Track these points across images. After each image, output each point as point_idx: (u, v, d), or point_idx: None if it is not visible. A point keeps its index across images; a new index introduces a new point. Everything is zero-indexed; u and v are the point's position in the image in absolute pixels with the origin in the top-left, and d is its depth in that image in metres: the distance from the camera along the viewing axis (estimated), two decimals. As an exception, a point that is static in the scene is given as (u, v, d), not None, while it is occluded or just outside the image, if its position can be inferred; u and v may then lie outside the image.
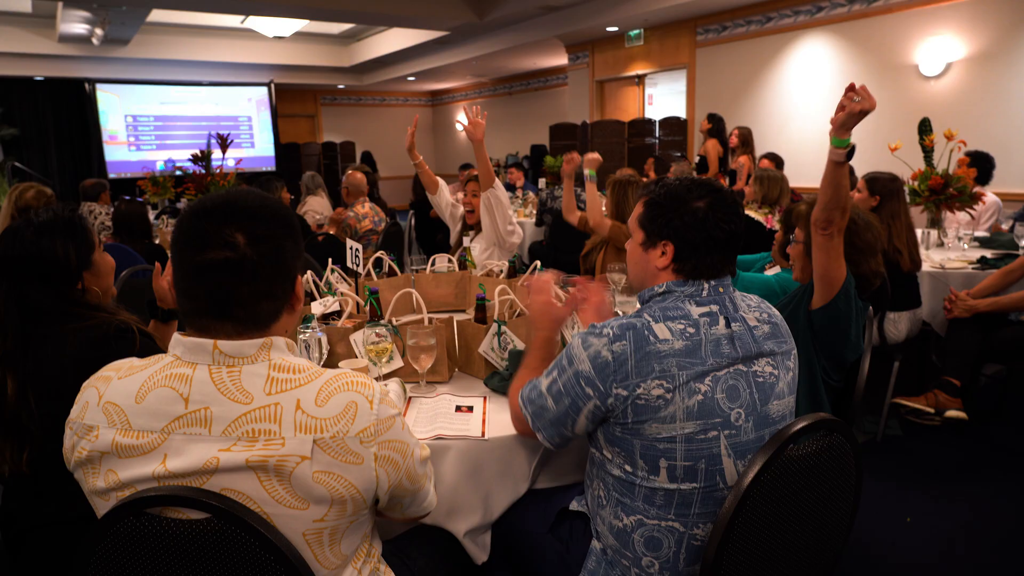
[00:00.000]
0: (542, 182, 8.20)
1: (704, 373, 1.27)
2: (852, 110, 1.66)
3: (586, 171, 3.52)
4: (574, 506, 1.52)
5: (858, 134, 1.87)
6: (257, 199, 1.06)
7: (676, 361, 1.26)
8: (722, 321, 1.33)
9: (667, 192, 1.39)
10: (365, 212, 5.21)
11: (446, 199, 3.63)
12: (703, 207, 1.35)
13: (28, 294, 1.51)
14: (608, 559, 1.39)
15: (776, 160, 5.94)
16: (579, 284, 1.77)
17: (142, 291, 2.88)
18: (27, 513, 1.50)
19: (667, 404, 1.25)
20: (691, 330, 1.30)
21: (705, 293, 1.36)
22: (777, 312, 1.45)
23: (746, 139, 6.92)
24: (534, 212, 6.55)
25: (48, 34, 10.14)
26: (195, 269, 1.00)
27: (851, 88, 1.68)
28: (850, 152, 1.78)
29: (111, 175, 11.67)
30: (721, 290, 1.37)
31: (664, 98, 9.91)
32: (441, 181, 3.63)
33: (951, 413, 3.00)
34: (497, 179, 3.34)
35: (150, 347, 1.57)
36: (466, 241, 3.22)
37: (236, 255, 1.00)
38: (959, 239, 4.02)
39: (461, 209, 3.63)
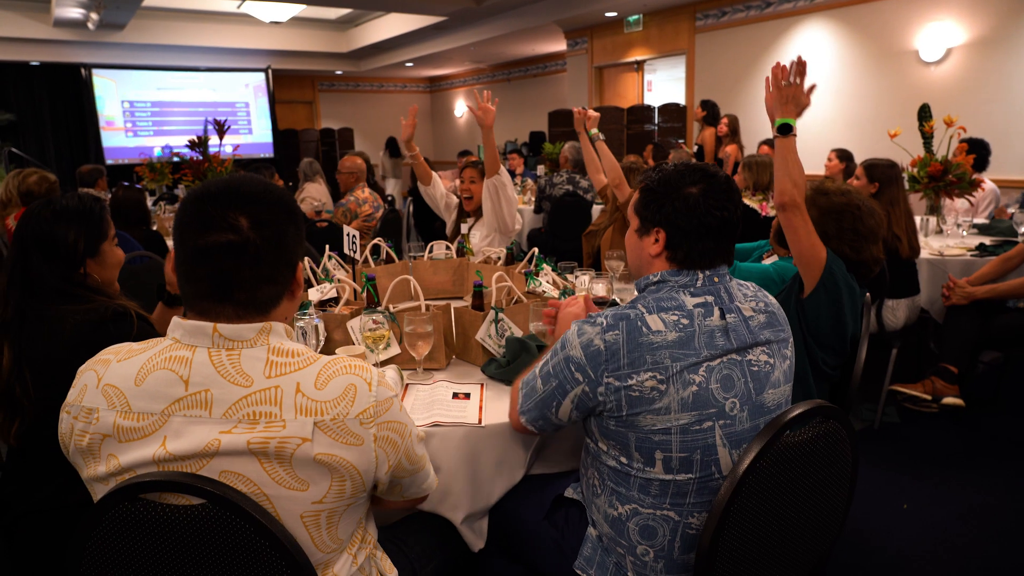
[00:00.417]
0: (541, 169, 8.17)
1: (698, 364, 1.27)
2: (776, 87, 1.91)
3: (591, 131, 3.48)
4: (569, 493, 1.52)
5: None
6: (260, 184, 1.07)
7: (669, 353, 1.26)
8: (717, 312, 1.32)
9: (661, 178, 1.38)
10: (365, 197, 5.19)
11: (440, 191, 3.61)
12: (695, 193, 1.34)
13: (31, 267, 1.57)
14: (604, 546, 1.39)
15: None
16: (552, 305, 1.73)
17: (139, 277, 2.88)
18: (22, 499, 1.51)
19: (661, 396, 1.25)
20: (685, 321, 1.29)
21: (700, 283, 1.35)
22: (774, 300, 1.44)
23: (735, 128, 6.84)
24: (533, 199, 6.52)
25: (43, 18, 10.04)
26: (198, 251, 1.01)
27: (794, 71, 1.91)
28: (781, 127, 1.92)
29: (108, 161, 11.58)
30: (716, 280, 1.36)
31: (663, 84, 9.86)
32: (434, 173, 3.62)
33: (948, 400, 3.01)
34: (502, 166, 3.31)
35: (148, 331, 1.59)
36: (464, 228, 3.20)
37: (239, 238, 1.00)
38: (958, 226, 4.01)
39: (455, 199, 3.62)
